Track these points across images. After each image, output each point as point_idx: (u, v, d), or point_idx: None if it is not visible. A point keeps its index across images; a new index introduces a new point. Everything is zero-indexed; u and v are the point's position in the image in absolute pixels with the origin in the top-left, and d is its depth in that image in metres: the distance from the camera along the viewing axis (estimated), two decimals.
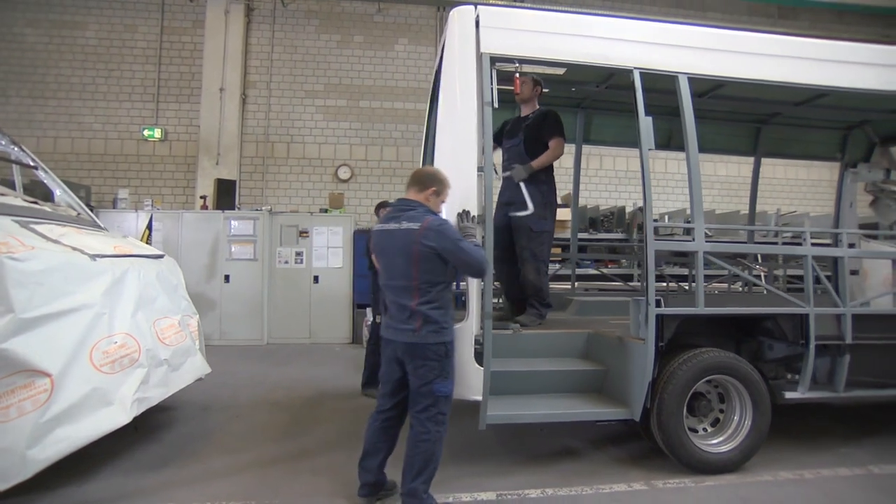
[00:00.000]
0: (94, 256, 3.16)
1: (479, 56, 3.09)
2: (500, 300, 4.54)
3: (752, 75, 3.47)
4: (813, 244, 3.74)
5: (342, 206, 8.18)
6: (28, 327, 2.62)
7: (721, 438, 3.24)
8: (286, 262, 7.77)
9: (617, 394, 3.32)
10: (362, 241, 7.82)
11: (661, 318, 3.09)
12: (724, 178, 9.35)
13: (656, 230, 7.81)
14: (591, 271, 6.96)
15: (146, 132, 8.10)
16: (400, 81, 8.69)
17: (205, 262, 7.36)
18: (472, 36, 3.11)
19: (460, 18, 3.20)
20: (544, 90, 4.04)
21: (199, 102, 8.10)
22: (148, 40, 8.25)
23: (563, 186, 8.34)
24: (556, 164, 4.03)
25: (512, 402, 3.16)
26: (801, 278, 5.64)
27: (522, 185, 3.80)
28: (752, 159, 5.70)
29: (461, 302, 3.39)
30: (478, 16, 3.16)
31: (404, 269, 2.49)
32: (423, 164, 4.92)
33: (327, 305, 7.79)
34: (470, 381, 2.74)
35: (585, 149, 7.15)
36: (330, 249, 7.86)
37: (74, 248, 3.12)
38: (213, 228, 7.41)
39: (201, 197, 7.67)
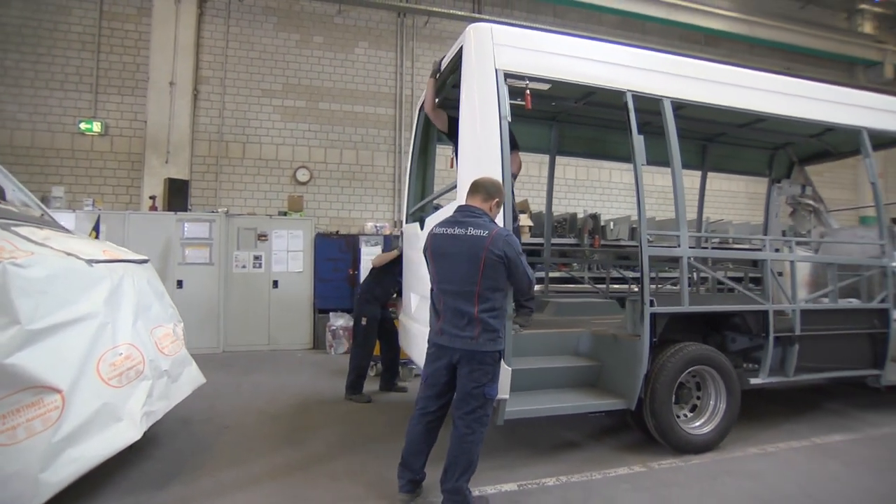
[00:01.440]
0: (90, 262, 2.95)
1: (496, 71, 3.27)
2: None
3: (720, 101, 3.95)
4: (739, 249, 4.30)
5: (302, 208, 8.00)
6: (35, 339, 2.43)
7: (701, 422, 3.65)
8: (244, 267, 7.46)
9: (612, 386, 3.62)
10: (324, 245, 7.75)
11: (653, 317, 3.44)
12: (661, 188, 10.16)
13: (602, 236, 8.46)
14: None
15: (83, 125, 7.42)
16: (360, 85, 8.65)
17: (155, 267, 6.81)
18: (490, 52, 3.27)
19: (477, 35, 3.35)
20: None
21: (146, 96, 7.56)
22: (84, 24, 7.57)
23: (519, 194, 8.80)
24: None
25: (521, 398, 3.35)
26: (734, 280, 6.41)
27: None
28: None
29: None
30: (492, 33, 3.34)
31: (469, 274, 2.58)
32: (411, 170, 5.02)
33: (287, 311, 7.58)
34: (501, 380, 2.88)
35: (537, 157, 7.59)
36: (290, 253, 7.66)
37: (68, 254, 2.90)
38: (165, 231, 6.95)
39: (150, 197, 7.16)
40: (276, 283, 7.59)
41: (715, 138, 5.77)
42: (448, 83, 4.40)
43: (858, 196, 11.56)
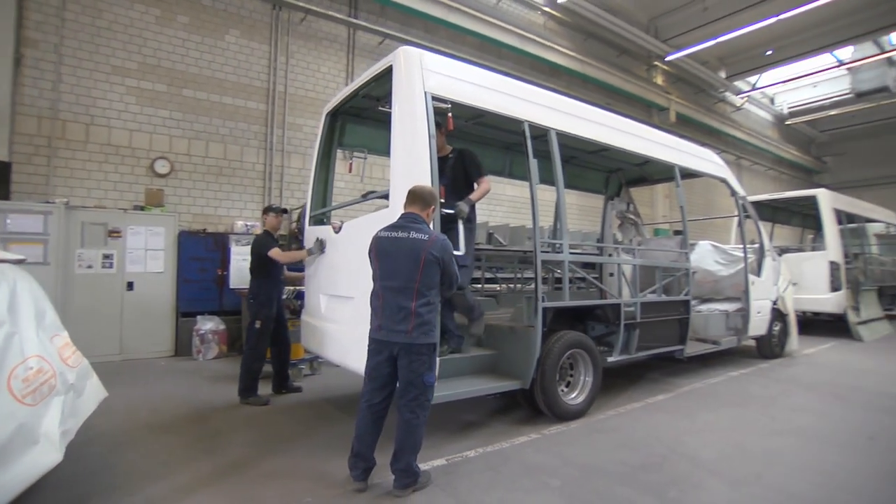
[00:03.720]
0: None
1: (424, 94, 3.64)
2: None
3: (585, 134, 4.88)
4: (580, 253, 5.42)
5: (162, 203, 7.23)
6: None
7: (575, 394, 4.51)
8: (90, 267, 6.51)
9: (509, 370, 4.25)
10: (189, 243, 7.18)
11: (545, 310, 4.17)
12: (511, 197, 11.55)
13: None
14: None
15: None
16: (230, 75, 8.12)
17: None
18: (420, 75, 3.63)
19: (407, 59, 3.68)
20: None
21: None
22: None
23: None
24: None
25: (440, 384, 3.75)
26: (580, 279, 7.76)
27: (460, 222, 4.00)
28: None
29: None
30: (421, 58, 3.71)
31: (409, 272, 2.90)
32: (314, 174, 5.07)
33: (145, 315, 6.84)
34: None
35: None
36: (149, 252, 6.92)
37: None
38: None
39: None
40: (130, 285, 6.78)
41: (569, 160, 6.92)
42: (360, 94, 4.63)
43: (653, 211, 14.57)
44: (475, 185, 4.20)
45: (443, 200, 3.96)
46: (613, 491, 2.99)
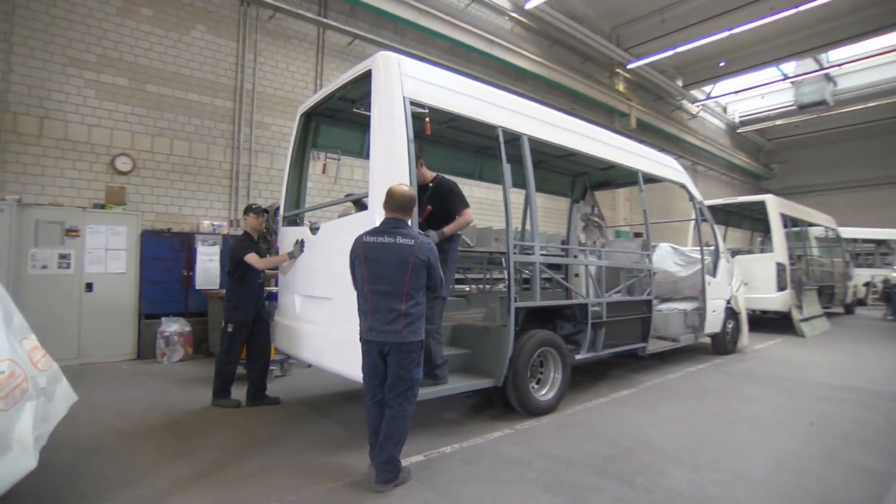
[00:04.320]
0: None
1: (403, 98, 3.71)
2: None
3: (555, 139, 5.07)
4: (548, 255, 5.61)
5: (124, 201, 6.99)
6: None
7: (545, 391, 4.68)
8: (45, 267, 6.24)
9: (482, 369, 4.38)
10: (153, 243, 7.01)
11: (517, 310, 4.32)
12: (479, 199, 11.72)
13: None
14: None
15: None
16: (196, 71, 7.92)
17: None
18: (399, 80, 3.70)
19: (386, 63, 3.74)
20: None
21: None
22: None
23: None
24: None
25: None
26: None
27: None
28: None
29: None
30: (400, 63, 3.78)
31: (399, 276, 2.98)
32: (288, 175, 5.06)
33: (105, 317, 6.61)
34: None
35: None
36: (109, 252, 6.69)
37: None
38: None
39: None
40: (89, 287, 6.54)
41: (537, 165, 7.11)
42: (336, 96, 4.65)
43: (615, 213, 15.09)
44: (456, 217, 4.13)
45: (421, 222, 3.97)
46: (586, 480, 3.16)
